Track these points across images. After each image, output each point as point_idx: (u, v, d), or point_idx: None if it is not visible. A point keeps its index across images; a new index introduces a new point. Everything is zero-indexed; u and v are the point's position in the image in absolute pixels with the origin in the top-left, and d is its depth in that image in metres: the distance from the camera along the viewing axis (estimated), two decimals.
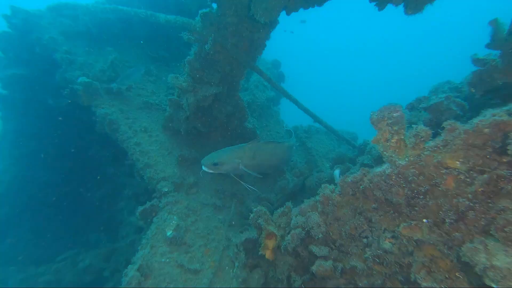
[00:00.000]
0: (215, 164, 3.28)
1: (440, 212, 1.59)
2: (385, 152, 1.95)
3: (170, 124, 4.15)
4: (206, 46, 3.33)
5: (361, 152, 4.45)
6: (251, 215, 2.89)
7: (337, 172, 3.67)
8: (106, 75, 4.34)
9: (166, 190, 3.75)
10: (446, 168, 1.55)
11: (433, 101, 2.41)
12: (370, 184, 2.03)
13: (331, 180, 3.75)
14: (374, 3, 2.27)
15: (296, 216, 2.64)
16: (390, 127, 1.92)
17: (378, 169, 2.03)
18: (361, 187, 2.09)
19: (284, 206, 2.90)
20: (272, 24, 3.24)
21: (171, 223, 3.30)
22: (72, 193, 6.16)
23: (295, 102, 4.04)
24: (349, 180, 2.09)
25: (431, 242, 1.62)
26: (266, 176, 4.63)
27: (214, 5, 3.37)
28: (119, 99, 4.39)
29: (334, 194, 2.28)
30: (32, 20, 4.94)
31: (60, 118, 4.98)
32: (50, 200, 5.90)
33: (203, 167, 3.30)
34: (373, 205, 2.06)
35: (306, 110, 4.15)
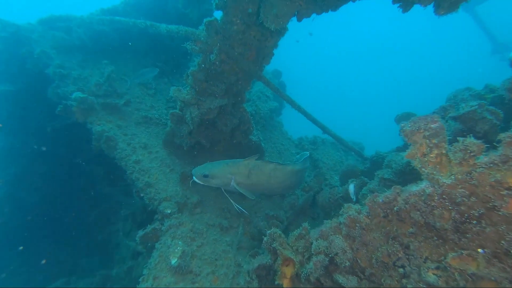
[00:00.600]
0: (205, 176, 3.24)
1: (502, 242, 1.37)
2: (423, 169, 1.74)
3: (172, 140, 3.92)
4: (211, 56, 3.15)
5: (373, 164, 4.25)
6: (265, 239, 2.63)
7: (351, 187, 3.45)
8: (103, 90, 4.11)
9: (169, 211, 3.47)
10: (508, 189, 1.34)
11: (464, 109, 2.23)
12: (406, 205, 1.81)
13: (346, 196, 3.52)
14: (398, 4, 2.12)
15: (317, 240, 2.38)
16: (428, 140, 1.72)
17: (414, 188, 1.82)
18: (395, 208, 1.86)
19: (301, 228, 2.64)
20: (281, 31, 3.08)
21: (175, 250, 3.01)
22: (64, 215, 5.80)
23: (304, 113, 3.86)
24: (380, 200, 1.87)
25: (492, 278, 1.39)
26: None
27: (217, 14, 3.21)
28: (116, 114, 4.15)
29: (361, 215, 2.05)
30: (22, 34, 4.74)
31: (52, 136, 4.70)
32: (40, 222, 5.53)
33: (194, 177, 3.25)
34: (410, 229, 1.83)
35: (315, 121, 3.96)
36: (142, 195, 3.74)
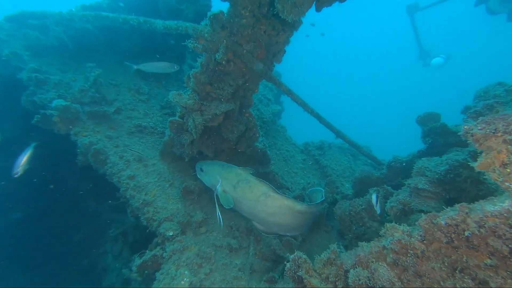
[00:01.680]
0: (201, 170, 3.11)
1: None
2: (506, 183, 1.42)
3: (170, 150, 3.49)
4: (216, 55, 2.77)
5: (391, 169, 3.98)
6: (288, 265, 2.25)
7: (374, 197, 3.14)
8: (89, 96, 3.64)
9: (171, 234, 3.04)
10: None
11: None
12: (481, 230, 1.49)
13: (369, 208, 3.20)
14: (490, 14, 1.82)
15: (354, 268, 2.03)
16: (510, 146, 1.41)
17: (490, 207, 1.50)
18: (466, 233, 1.54)
19: (329, 251, 2.28)
20: (294, 25, 2.74)
21: (182, 282, 2.59)
22: (43, 237, 5.21)
23: (317, 116, 3.53)
24: (443, 223, 1.54)
25: None
26: None
27: (217, 9, 2.84)
28: (105, 123, 3.69)
29: (413, 239, 1.71)
30: None
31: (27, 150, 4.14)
32: (18, 250, 4.92)
33: (196, 166, 3.15)
34: (488, 260, 1.51)
35: (328, 125, 3.64)
36: (139, 215, 3.29)
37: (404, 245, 1.65)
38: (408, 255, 1.64)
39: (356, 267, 1.98)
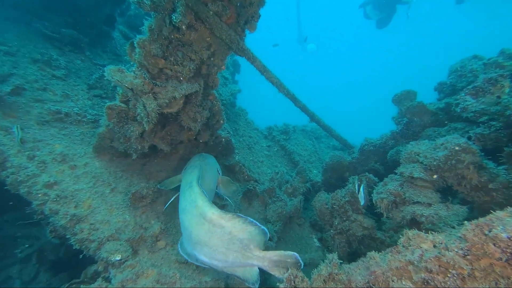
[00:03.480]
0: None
1: None
2: None
3: (109, 145, 2.67)
4: (173, 17, 2.05)
5: (363, 153, 3.86)
6: (281, 286, 1.86)
7: (361, 189, 2.94)
8: None
9: (119, 258, 2.34)
10: None
11: None
12: None
13: (354, 200, 2.97)
14: None
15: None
16: None
17: None
18: None
19: (328, 262, 1.94)
20: None
21: None
22: None
23: (293, 98, 3.11)
24: (504, 236, 1.30)
25: None
26: (251, 199, 3.60)
27: None
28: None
29: (450, 253, 1.47)
30: None
31: None
32: None
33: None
34: None
35: (304, 108, 3.27)
36: (67, 236, 2.46)
37: (444, 264, 1.38)
38: (448, 275, 1.37)
39: (375, 286, 1.67)
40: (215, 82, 2.69)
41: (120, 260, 2.35)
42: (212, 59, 2.51)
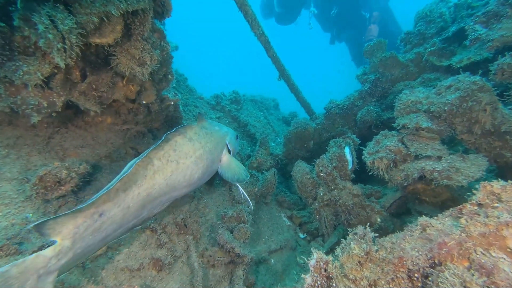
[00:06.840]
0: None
1: None
2: None
3: None
4: None
5: (329, 117, 3.60)
6: (308, 279, 1.36)
7: (347, 150, 2.64)
8: None
9: None
10: None
11: None
12: None
13: (342, 165, 2.64)
14: None
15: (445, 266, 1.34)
16: None
17: None
18: None
19: (358, 236, 1.51)
20: None
21: None
22: None
23: (266, 43, 2.55)
24: None
25: None
26: (210, 183, 2.92)
27: None
28: None
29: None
30: None
31: None
32: None
33: None
34: None
35: (275, 59, 2.76)
36: None
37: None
38: None
39: (447, 262, 1.25)
40: (166, 4, 1.89)
41: None
42: None
